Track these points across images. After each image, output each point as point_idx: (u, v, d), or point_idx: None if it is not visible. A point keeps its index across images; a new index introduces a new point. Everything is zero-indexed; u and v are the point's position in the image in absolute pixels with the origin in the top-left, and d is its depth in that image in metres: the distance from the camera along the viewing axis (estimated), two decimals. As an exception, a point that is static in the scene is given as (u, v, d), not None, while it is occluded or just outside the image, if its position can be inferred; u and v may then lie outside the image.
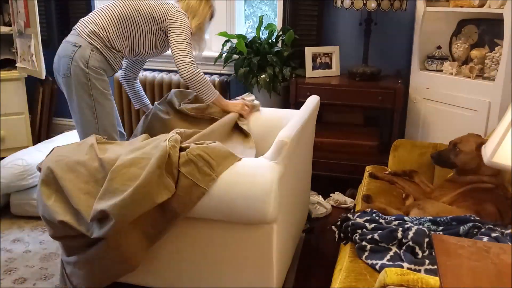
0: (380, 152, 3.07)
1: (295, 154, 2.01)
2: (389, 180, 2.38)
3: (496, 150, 1.34)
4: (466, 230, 1.76)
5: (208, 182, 1.77)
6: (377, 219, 1.87)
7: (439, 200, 2.08)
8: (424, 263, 1.60)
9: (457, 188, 2.08)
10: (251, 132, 2.46)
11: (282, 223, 1.87)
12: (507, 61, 2.54)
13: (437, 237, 1.18)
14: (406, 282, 1.24)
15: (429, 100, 3.00)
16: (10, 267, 2.39)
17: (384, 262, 1.63)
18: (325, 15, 3.32)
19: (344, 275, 1.61)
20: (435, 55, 3.02)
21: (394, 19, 3.25)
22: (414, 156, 2.51)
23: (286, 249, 2.05)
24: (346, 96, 3.03)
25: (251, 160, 1.83)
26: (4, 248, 2.56)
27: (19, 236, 2.68)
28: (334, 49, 3.29)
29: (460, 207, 1.96)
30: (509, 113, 1.34)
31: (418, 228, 1.72)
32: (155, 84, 3.57)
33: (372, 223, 1.82)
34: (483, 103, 2.68)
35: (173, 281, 1.98)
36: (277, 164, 1.76)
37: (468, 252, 1.12)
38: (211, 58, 3.52)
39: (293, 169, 2.02)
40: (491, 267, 1.07)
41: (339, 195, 3.09)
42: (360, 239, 1.75)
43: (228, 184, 1.75)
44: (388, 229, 1.74)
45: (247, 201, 1.71)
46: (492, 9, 2.62)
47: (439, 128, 2.96)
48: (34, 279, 2.29)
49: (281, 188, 1.77)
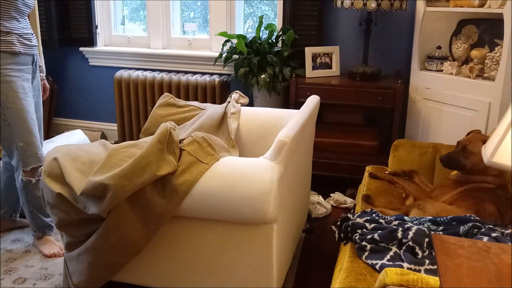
0: (380, 152, 3.07)
1: (295, 154, 2.02)
2: (389, 180, 2.38)
3: (496, 150, 1.34)
4: (466, 230, 1.76)
5: (211, 160, 1.79)
6: (377, 219, 1.87)
7: (439, 199, 2.07)
8: (424, 263, 1.60)
9: (457, 188, 2.07)
10: (242, 132, 2.47)
11: (282, 223, 1.87)
12: (507, 61, 2.54)
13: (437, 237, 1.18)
14: (406, 282, 1.24)
15: (429, 100, 3.00)
16: (10, 267, 2.39)
17: (384, 262, 1.63)
18: (325, 15, 3.32)
19: (344, 275, 1.61)
20: (435, 55, 3.02)
21: (394, 19, 3.25)
22: (414, 156, 2.51)
23: (286, 249, 2.05)
24: (346, 96, 3.03)
25: (251, 160, 1.83)
26: (4, 248, 2.55)
27: (19, 236, 2.68)
28: (334, 49, 3.29)
29: (460, 207, 1.96)
30: (509, 113, 1.33)
31: (418, 228, 1.72)
32: (155, 84, 3.57)
33: (372, 223, 1.82)
34: (483, 103, 2.68)
35: (173, 281, 1.98)
36: (277, 164, 1.76)
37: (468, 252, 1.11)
38: (211, 58, 3.53)
39: (293, 169, 2.03)
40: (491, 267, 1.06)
41: (339, 195, 3.09)
42: (360, 239, 1.75)
43: (228, 184, 1.75)
44: (388, 229, 1.74)
45: (247, 201, 1.71)
46: (492, 9, 2.62)
47: (439, 128, 2.96)
48: (34, 279, 2.29)
49: (281, 188, 1.77)
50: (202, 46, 3.75)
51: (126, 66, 3.82)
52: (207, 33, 3.79)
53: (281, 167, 1.77)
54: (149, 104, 3.60)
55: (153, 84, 3.58)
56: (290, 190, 2.00)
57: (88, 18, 3.80)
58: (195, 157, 1.79)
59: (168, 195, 1.78)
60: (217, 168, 1.80)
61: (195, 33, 3.90)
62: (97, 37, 3.89)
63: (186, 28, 3.91)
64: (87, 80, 4.03)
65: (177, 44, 3.82)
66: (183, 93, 3.51)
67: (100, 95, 4.01)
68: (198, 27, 3.90)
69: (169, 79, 3.55)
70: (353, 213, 1.95)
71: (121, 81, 3.65)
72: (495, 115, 2.63)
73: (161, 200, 1.78)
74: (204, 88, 3.47)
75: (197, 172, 1.77)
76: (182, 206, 1.79)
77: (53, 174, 1.90)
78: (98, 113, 4.08)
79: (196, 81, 3.49)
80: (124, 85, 3.64)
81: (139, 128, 3.68)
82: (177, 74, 3.62)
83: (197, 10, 3.89)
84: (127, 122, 3.72)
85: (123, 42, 3.95)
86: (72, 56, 3.97)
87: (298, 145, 2.03)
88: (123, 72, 3.69)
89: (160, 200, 1.78)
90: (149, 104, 3.60)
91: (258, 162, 1.78)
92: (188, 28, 3.91)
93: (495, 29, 2.79)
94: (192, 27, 3.91)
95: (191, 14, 3.91)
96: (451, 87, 2.86)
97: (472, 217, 1.82)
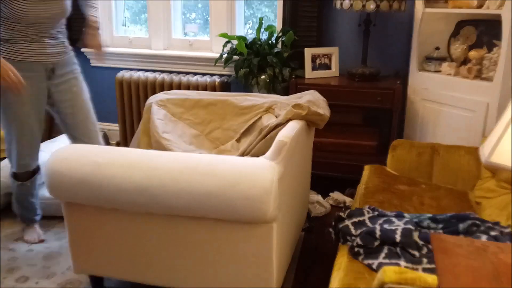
0: (379, 152, 3.09)
1: (295, 153, 2.03)
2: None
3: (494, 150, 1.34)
4: (465, 228, 1.78)
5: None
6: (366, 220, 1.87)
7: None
8: (422, 262, 1.61)
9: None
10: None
11: (282, 223, 1.89)
12: (505, 62, 2.56)
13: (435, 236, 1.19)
14: (404, 280, 1.24)
15: (427, 100, 3.02)
16: (13, 266, 2.40)
17: (380, 261, 1.64)
18: (324, 16, 3.34)
19: (343, 274, 1.63)
20: (434, 56, 3.04)
21: (393, 20, 3.26)
22: (413, 156, 2.53)
23: (286, 248, 2.07)
24: (345, 96, 3.05)
25: (252, 160, 1.84)
26: (7, 247, 2.57)
27: (22, 235, 2.69)
28: (334, 50, 3.30)
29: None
30: (507, 113, 1.34)
31: (403, 228, 1.72)
32: (156, 85, 3.58)
33: (358, 227, 1.83)
34: (481, 103, 2.69)
35: (172, 280, 1.99)
36: (277, 164, 1.78)
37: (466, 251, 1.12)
38: (211, 59, 3.54)
39: (293, 168, 2.04)
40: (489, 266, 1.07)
41: (338, 194, 3.11)
42: (351, 246, 1.77)
43: (228, 183, 1.76)
44: (365, 230, 1.76)
45: (247, 201, 1.72)
46: (490, 10, 2.64)
47: (437, 128, 2.98)
48: (37, 278, 2.30)
49: (280, 188, 1.78)
50: (202, 47, 3.77)
51: (128, 67, 3.83)
52: (208, 34, 3.80)
53: (281, 167, 1.79)
54: (150, 105, 3.61)
55: (154, 84, 3.60)
56: (290, 190, 2.01)
57: (89, 19, 3.81)
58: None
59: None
60: (217, 167, 1.82)
61: (196, 35, 3.91)
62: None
63: (187, 29, 3.92)
64: (88, 80, 3.99)
65: (178, 45, 3.83)
66: (183, 94, 3.52)
67: (101, 95, 4.02)
68: (199, 29, 3.91)
69: (170, 80, 3.57)
70: (345, 211, 1.97)
71: (123, 81, 3.66)
72: (493, 115, 2.64)
73: None
74: (204, 88, 3.49)
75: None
76: (182, 204, 1.80)
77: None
78: (99, 113, 4.04)
79: (196, 81, 3.51)
80: (125, 85, 3.66)
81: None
82: (178, 75, 3.64)
83: (198, 12, 3.90)
84: (129, 122, 3.73)
85: (124, 43, 3.96)
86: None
87: (298, 145, 2.05)
88: (125, 72, 3.70)
89: None
90: (150, 104, 3.61)
91: (258, 162, 1.80)
92: (189, 30, 3.92)
93: (494, 30, 2.80)
94: (193, 29, 3.92)
95: (192, 15, 3.92)
96: (449, 87, 2.88)
97: (472, 215, 1.84)
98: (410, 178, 2.46)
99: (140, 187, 1.79)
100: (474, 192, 2.37)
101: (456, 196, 2.31)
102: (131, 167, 1.83)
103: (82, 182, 1.87)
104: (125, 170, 1.83)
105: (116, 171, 1.83)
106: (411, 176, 2.50)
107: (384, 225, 1.78)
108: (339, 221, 1.91)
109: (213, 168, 1.81)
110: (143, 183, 1.79)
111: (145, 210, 1.86)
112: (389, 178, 2.44)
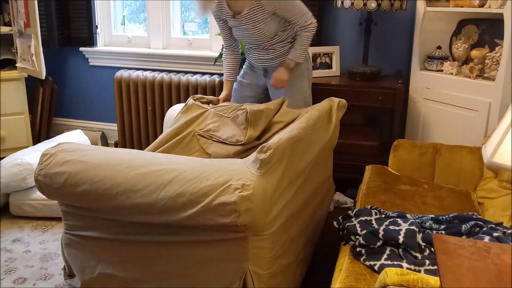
0: (380, 152, 3.07)
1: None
2: None
3: (496, 150, 1.33)
4: (468, 229, 1.76)
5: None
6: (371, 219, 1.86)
7: None
8: (424, 263, 1.60)
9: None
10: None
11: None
12: (507, 61, 2.54)
13: (437, 237, 1.18)
14: (406, 282, 1.24)
15: (429, 100, 3.00)
16: (10, 267, 2.39)
17: (382, 262, 1.63)
18: (325, 15, 3.32)
19: (344, 275, 1.62)
20: (435, 55, 3.02)
21: (394, 19, 3.25)
22: (414, 156, 2.51)
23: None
24: (346, 96, 3.00)
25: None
26: (4, 248, 2.56)
27: (19, 236, 2.68)
28: (334, 49, 3.29)
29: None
30: (509, 113, 1.33)
31: (407, 229, 1.70)
32: (155, 84, 3.56)
33: (364, 226, 1.81)
34: (483, 103, 2.68)
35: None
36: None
37: (468, 252, 1.11)
38: (211, 58, 3.52)
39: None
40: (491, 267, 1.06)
41: (339, 195, 3.09)
42: (353, 245, 1.75)
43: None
44: (367, 230, 1.75)
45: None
46: (492, 9, 2.62)
47: (439, 128, 2.96)
48: (34, 279, 2.29)
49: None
50: (202, 46, 3.75)
51: (126, 66, 3.82)
52: (207, 33, 3.78)
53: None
54: (149, 104, 3.59)
55: (153, 84, 3.58)
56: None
57: (88, 18, 3.79)
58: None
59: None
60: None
61: (195, 33, 3.89)
62: (97, 37, 3.89)
63: (186, 28, 3.91)
64: (87, 80, 4.03)
65: (177, 44, 3.82)
66: (183, 93, 3.50)
67: (100, 95, 4.01)
68: (198, 27, 3.90)
69: (169, 79, 3.55)
70: (353, 210, 1.96)
71: (121, 81, 3.65)
72: (495, 115, 2.63)
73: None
74: (204, 88, 3.47)
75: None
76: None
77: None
78: (98, 113, 4.08)
79: (196, 81, 3.49)
80: (124, 85, 3.64)
81: (139, 128, 3.68)
82: (177, 74, 3.62)
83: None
84: (127, 122, 3.71)
85: (123, 42, 3.94)
86: (72, 56, 3.97)
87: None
88: (123, 72, 3.69)
89: None
90: (149, 104, 3.59)
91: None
92: (188, 28, 3.90)
93: (495, 29, 2.79)
94: (192, 27, 3.90)
95: (192, 14, 3.91)
96: (451, 87, 2.86)
97: (474, 215, 1.82)
98: (412, 178, 2.45)
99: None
100: (476, 192, 2.36)
101: (458, 196, 2.29)
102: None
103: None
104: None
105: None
106: (413, 176, 2.49)
107: (389, 226, 1.76)
108: (346, 219, 1.90)
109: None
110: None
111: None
112: (390, 178, 2.43)
